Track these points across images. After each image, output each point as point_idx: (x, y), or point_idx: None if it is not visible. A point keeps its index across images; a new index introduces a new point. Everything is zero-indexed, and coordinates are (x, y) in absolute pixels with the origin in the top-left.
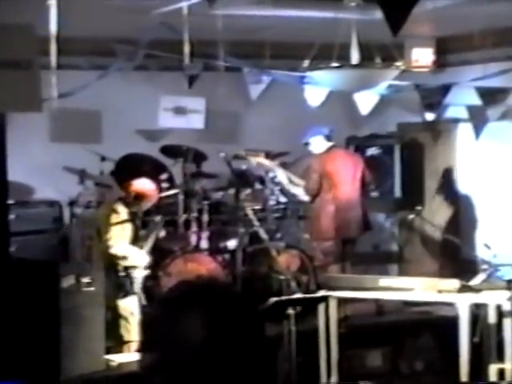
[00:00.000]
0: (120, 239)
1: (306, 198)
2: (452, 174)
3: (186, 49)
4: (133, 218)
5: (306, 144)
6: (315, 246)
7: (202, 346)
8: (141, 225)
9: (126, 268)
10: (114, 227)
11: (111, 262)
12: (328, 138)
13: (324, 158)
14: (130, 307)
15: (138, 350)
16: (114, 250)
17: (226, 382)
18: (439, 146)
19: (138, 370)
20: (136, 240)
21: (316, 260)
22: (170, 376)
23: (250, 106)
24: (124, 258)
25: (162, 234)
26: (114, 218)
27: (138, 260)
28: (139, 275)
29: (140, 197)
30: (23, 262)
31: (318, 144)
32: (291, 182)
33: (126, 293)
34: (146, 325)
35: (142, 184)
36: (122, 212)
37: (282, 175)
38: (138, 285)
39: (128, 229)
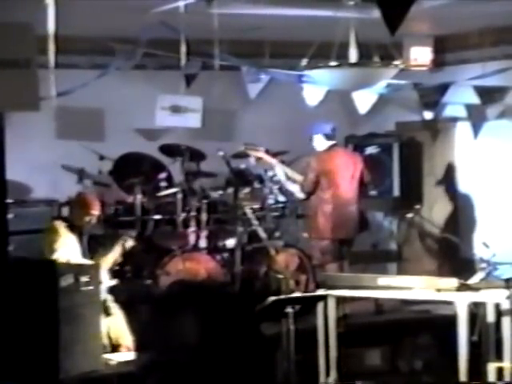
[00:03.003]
0: (63, 254)
1: (301, 195)
2: (450, 173)
3: (184, 48)
4: (77, 231)
5: (311, 139)
6: (313, 245)
7: (196, 346)
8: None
9: None
10: (54, 245)
11: None
12: (328, 136)
13: (323, 157)
14: None
15: (134, 350)
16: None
17: (221, 381)
18: (438, 144)
19: (134, 370)
20: (89, 253)
21: (314, 259)
22: (164, 376)
23: (249, 104)
24: None
25: (130, 244)
26: (54, 237)
27: None
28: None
29: (81, 210)
30: (22, 261)
31: (318, 142)
32: (289, 178)
33: None
34: (141, 325)
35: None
36: (60, 227)
37: (279, 170)
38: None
39: (72, 243)
